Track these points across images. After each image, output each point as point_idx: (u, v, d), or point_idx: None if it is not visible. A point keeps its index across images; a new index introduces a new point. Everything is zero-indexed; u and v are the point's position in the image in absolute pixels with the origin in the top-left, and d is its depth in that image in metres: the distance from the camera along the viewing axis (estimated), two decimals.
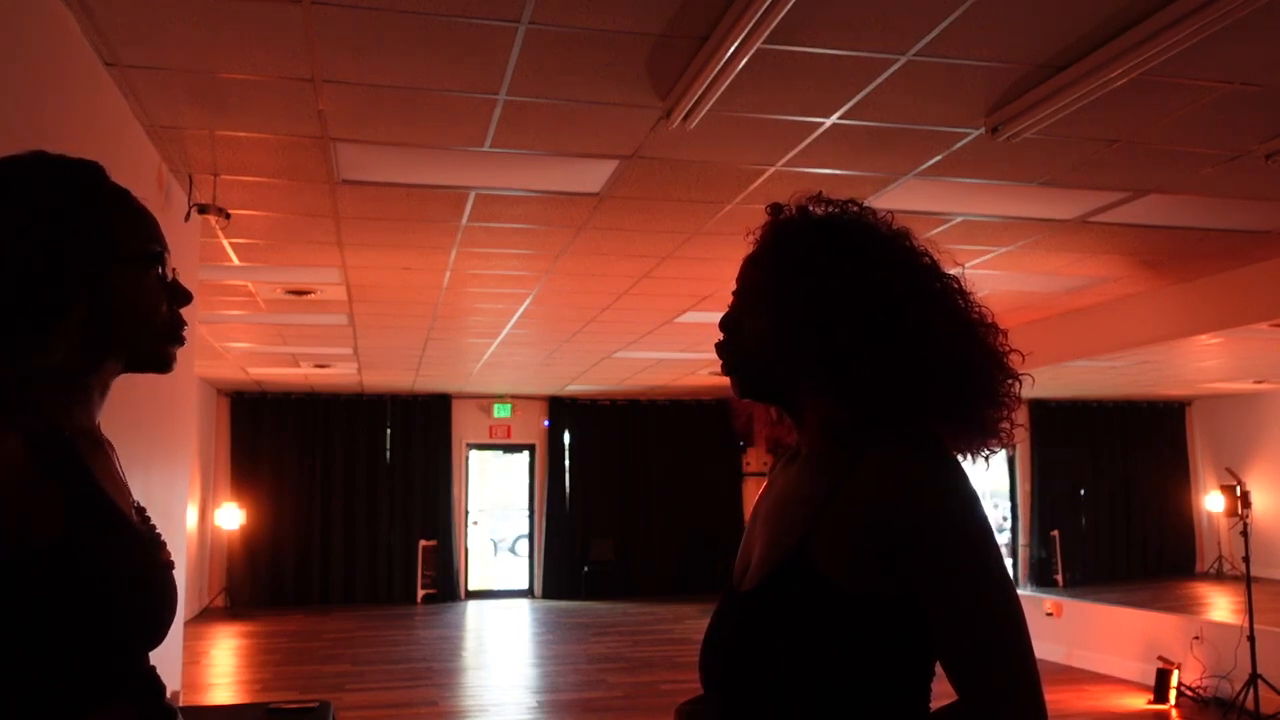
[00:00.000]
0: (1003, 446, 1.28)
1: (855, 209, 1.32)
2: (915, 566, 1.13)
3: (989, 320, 1.30)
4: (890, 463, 1.18)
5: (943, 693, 1.21)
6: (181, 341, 1.23)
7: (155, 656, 1.15)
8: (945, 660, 1.13)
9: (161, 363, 1.22)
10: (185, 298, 1.23)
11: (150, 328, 1.18)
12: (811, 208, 1.33)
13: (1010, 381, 1.28)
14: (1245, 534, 7.09)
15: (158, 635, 1.11)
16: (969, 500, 1.17)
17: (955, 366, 1.23)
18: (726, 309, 1.35)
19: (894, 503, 1.15)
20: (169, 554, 1.19)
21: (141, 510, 1.21)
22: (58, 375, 1.12)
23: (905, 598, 1.15)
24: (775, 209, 1.35)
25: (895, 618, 1.16)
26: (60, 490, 1.04)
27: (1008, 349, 1.29)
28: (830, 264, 1.26)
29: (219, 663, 9.29)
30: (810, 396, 1.28)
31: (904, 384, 1.21)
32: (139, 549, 1.12)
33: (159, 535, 1.21)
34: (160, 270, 1.19)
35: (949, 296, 1.29)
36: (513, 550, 18.10)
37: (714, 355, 1.37)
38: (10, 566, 0.99)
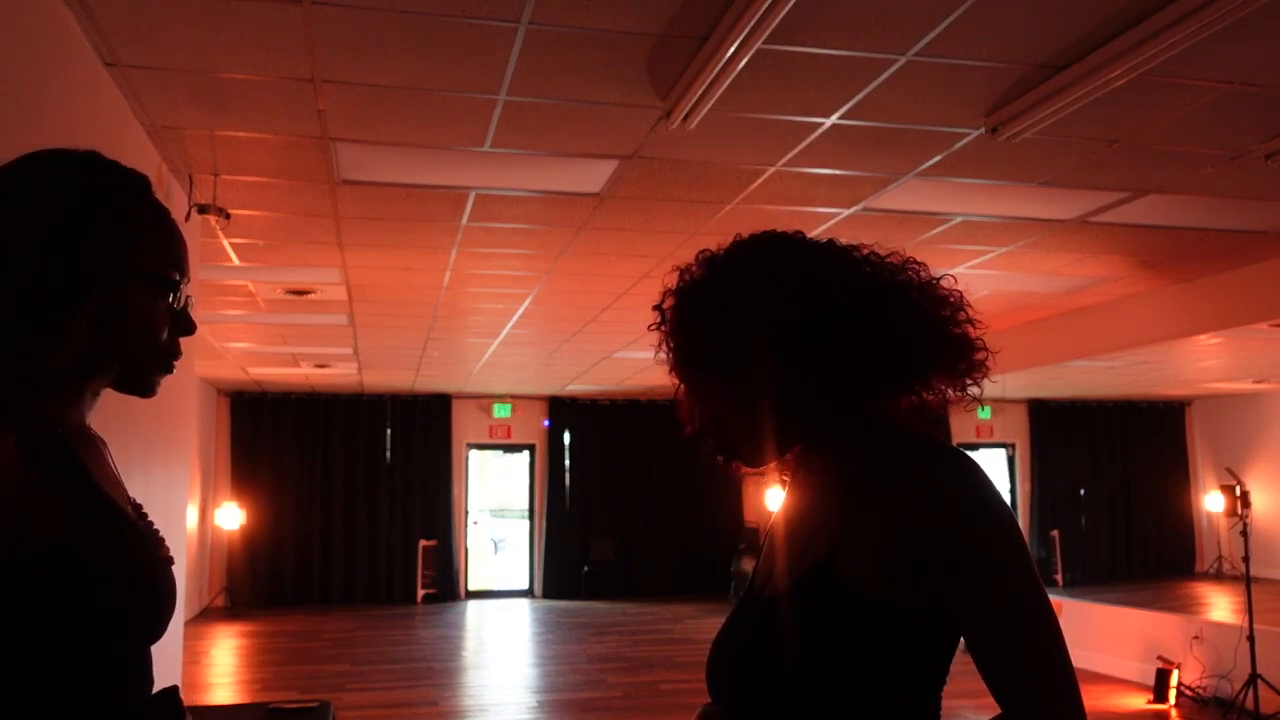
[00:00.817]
0: (984, 377, 1.26)
1: (704, 257, 1.29)
2: (949, 583, 1.13)
3: (900, 271, 1.27)
4: (918, 479, 1.17)
5: (953, 691, 1.21)
6: (170, 371, 1.21)
7: (156, 656, 1.15)
8: (987, 671, 1.12)
9: (145, 388, 1.20)
10: (190, 328, 1.21)
11: (145, 352, 1.17)
12: (679, 282, 1.31)
13: (957, 316, 1.26)
14: (1245, 534, 7.10)
15: (158, 631, 1.12)
16: (998, 511, 1.16)
17: (893, 336, 1.22)
18: (692, 420, 1.34)
19: (925, 520, 1.14)
20: (168, 550, 1.19)
21: (138, 507, 1.20)
22: (56, 378, 1.11)
23: (928, 610, 1.15)
24: (657, 308, 1.33)
25: (916, 629, 1.16)
26: (59, 489, 1.04)
27: (933, 281, 1.27)
28: (713, 323, 1.25)
29: (219, 663, 9.29)
30: (796, 435, 1.28)
31: (850, 378, 1.21)
32: (139, 546, 1.12)
33: (157, 531, 1.20)
34: (173, 298, 1.18)
35: (851, 270, 1.26)
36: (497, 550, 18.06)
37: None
38: (11, 566, 0.99)
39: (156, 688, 1.14)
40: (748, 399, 1.25)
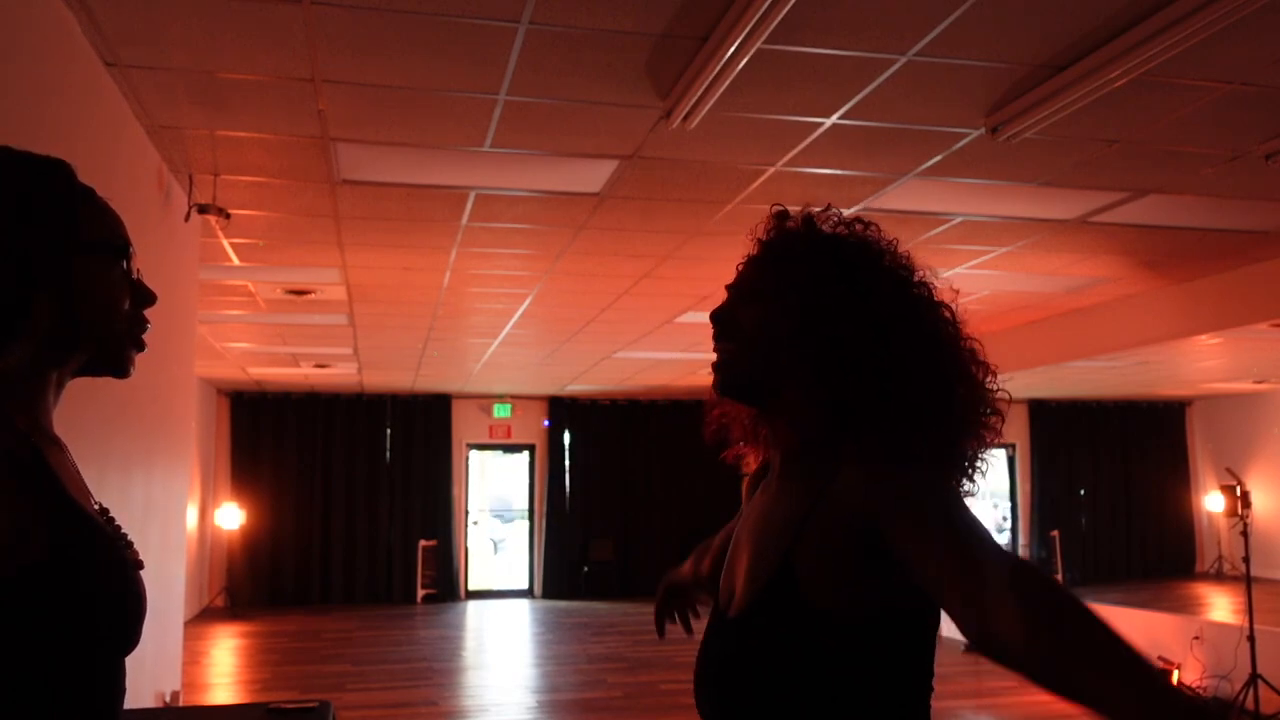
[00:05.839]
0: (970, 479, 1.26)
1: (860, 228, 1.31)
2: (895, 536, 1.11)
3: (979, 355, 1.29)
4: (863, 476, 1.17)
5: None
6: (141, 345, 1.19)
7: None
8: (948, 605, 1.10)
9: (119, 364, 1.17)
10: (148, 298, 1.19)
11: (110, 325, 1.15)
12: (818, 220, 1.33)
13: (989, 417, 1.27)
14: (1245, 534, 7.09)
15: (134, 641, 1.10)
16: (936, 479, 1.17)
17: (935, 399, 1.22)
18: (720, 304, 1.35)
19: (865, 501, 1.15)
20: (136, 553, 1.17)
21: (105, 510, 1.17)
22: (19, 375, 1.08)
23: (890, 621, 1.15)
24: (781, 215, 1.35)
25: (884, 642, 1.16)
26: (37, 503, 1.01)
27: (991, 379, 1.29)
28: (830, 279, 1.26)
29: (219, 663, 9.29)
30: (790, 396, 1.27)
31: (881, 402, 1.21)
32: (113, 557, 1.10)
33: (125, 535, 1.18)
34: (125, 266, 1.16)
35: (940, 328, 1.28)
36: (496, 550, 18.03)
37: (715, 356, 1.37)
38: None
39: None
40: (766, 326, 1.27)
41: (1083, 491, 13.36)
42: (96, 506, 1.16)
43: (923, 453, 1.20)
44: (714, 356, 1.34)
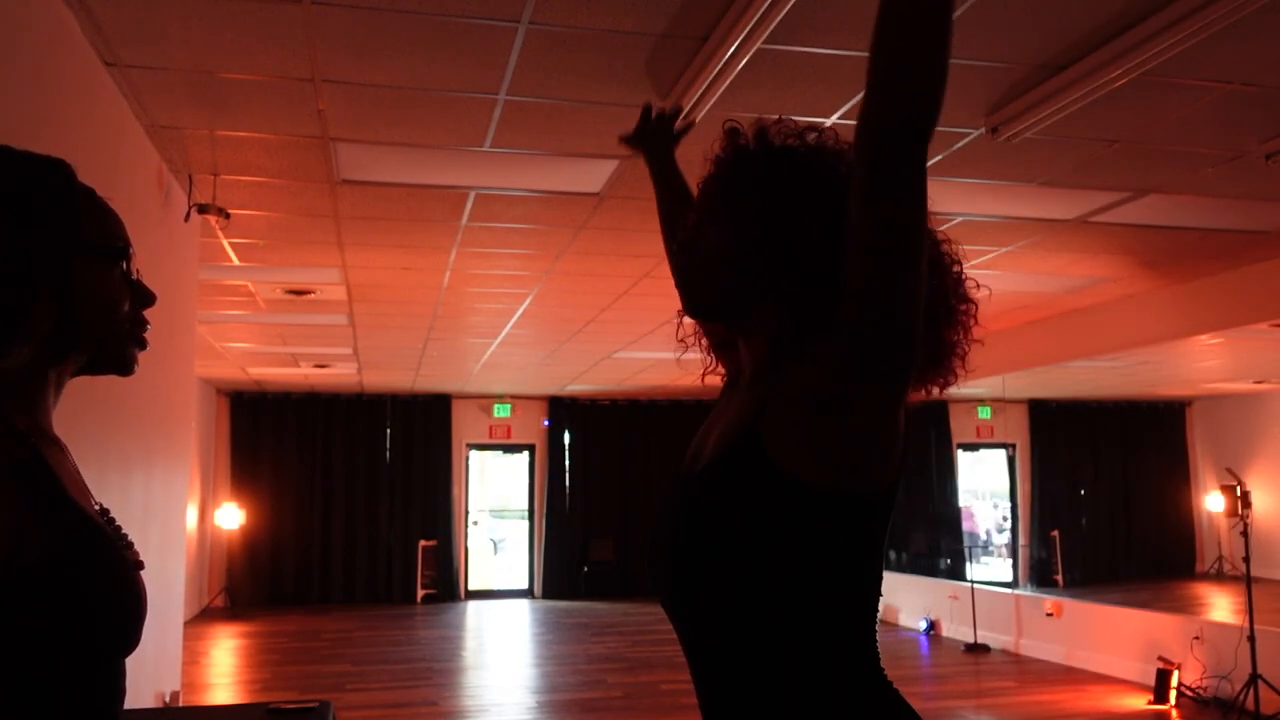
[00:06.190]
0: (955, 374, 1.27)
1: (814, 136, 1.32)
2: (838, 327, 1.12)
3: (944, 245, 1.30)
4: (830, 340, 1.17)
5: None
6: (143, 344, 1.19)
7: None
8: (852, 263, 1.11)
9: (122, 363, 1.18)
10: (148, 298, 1.20)
11: (111, 325, 1.15)
12: (771, 132, 1.33)
13: (963, 304, 1.28)
14: (1245, 534, 7.09)
15: (135, 642, 1.10)
16: None
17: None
18: (684, 233, 1.36)
19: (828, 342, 1.15)
20: (137, 553, 1.16)
21: (105, 510, 1.17)
22: (19, 375, 1.09)
23: (851, 495, 1.15)
24: (734, 132, 1.36)
25: (840, 519, 1.16)
26: (39, 504, 1.01)
27: (957, 267, 1.29)
28: (790, 185, 1.27)
29: (219, 663, 9.29)
30: (759, 311, 1.28)
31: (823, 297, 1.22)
32: (115, 558, 1.10)
33: (125, 535, 1.18)
34: (125, 266, 1.16)
35: None
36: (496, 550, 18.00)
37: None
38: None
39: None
40: (730, 241, 1.27)
41: (1083, 491, 13.36)
42: (96, 506, 1.15)
43: None
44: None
